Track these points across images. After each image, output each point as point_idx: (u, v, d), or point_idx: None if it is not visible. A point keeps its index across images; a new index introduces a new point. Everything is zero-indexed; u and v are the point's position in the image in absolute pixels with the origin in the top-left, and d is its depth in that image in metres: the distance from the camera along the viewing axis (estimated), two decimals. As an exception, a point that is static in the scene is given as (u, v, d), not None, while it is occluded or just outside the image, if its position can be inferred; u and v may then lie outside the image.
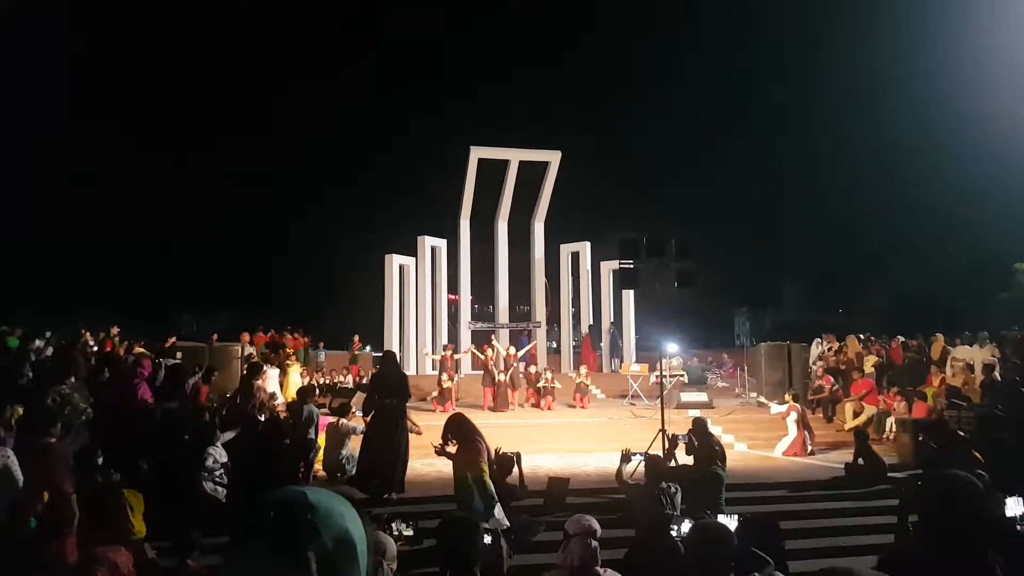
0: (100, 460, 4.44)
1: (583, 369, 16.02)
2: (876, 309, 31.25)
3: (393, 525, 5.37)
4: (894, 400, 12.43)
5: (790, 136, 41.81)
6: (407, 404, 8.80)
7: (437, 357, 16.44)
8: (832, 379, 14.09)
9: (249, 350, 14.64)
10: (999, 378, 11.12)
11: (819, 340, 15.71)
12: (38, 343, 11.36)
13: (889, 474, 9.16)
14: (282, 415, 9.93)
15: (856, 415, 12.69)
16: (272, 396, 10.87)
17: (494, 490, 6.26)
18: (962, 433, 7.12)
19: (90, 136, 33.33)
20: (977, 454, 6.39)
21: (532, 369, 15.69)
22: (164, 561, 4.03)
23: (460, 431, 6.40)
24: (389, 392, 8.37)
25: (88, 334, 13.46)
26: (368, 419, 8.52)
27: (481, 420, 13.31)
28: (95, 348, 13.03)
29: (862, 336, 15.81)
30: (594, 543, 3.52)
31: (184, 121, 36.24)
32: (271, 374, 13.11)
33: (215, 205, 36.55)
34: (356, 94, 42.78)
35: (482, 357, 15.49)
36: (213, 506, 6.53)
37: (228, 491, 6.74)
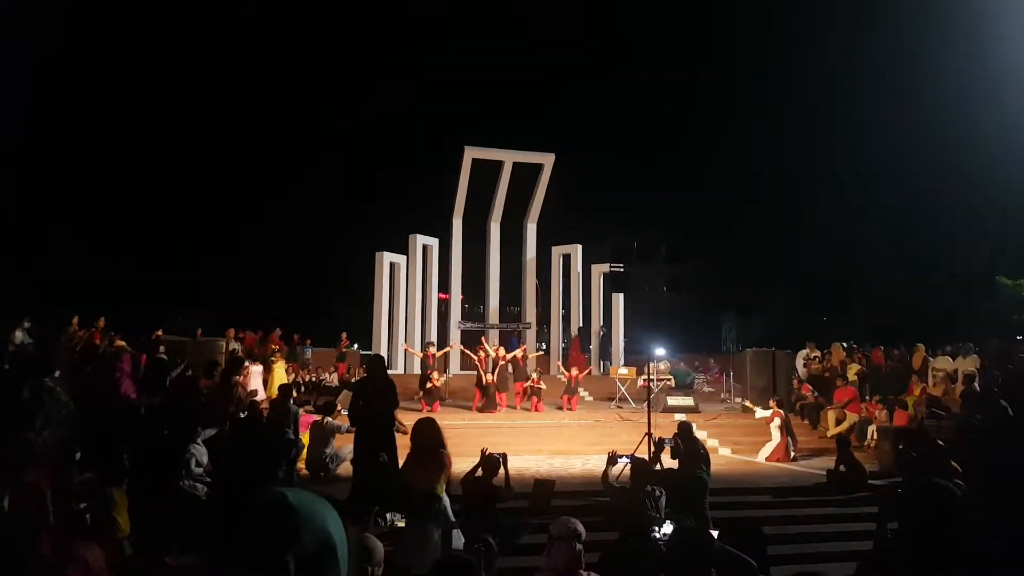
0: (78, 456, 4.38)
1: (573, 371, 16.03)
2: (861, 318, 31.50)
3: (387, 515, 5.36)
4: (876, 408, 12.55)
5: (782, 144, 42.09)
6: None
7: (415, 351, 16.55)
8: (811, 387, 14.31)
9: (234, 345, 14.55)
10: (978, 388, 11.25)
11: (805, 351, 15.88)
12: (18, 334, 11.23)
13: (870, 481, 9.25)
14: (265, 412, 9.86)
15: (839, 422, 12.80)
16: (252, 393, 10.74)
17: (449, 510, 5.65)
18: (941, 442, 7.20)
19: (80, 131, 33.03)
20: (955, 463, 6.47)
21: (519, 354, 15.65)
22: (142, 558, 4.00)
23: (419, 441, 5.82)
24: (376, 400, 7.86)
25: (77, 323, 13.32)
26: (356, 430, 8.00)
27: (470, 421, 13.43)
28: (80, 334, 12.89)
29: (845, 344, 15.95)
30: (579, 546, 3.53)
31: (179, 118, 35.97)
32: (254, 370, 13.03)
33: (205, 200, 36.27)
34: (349, 92, 42.64)
35: (474, 358, 15.50)
36: (192, 504, 6.48)
37: (208, 490, 6.68)
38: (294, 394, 11.73)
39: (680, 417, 12.50)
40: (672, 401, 14.62)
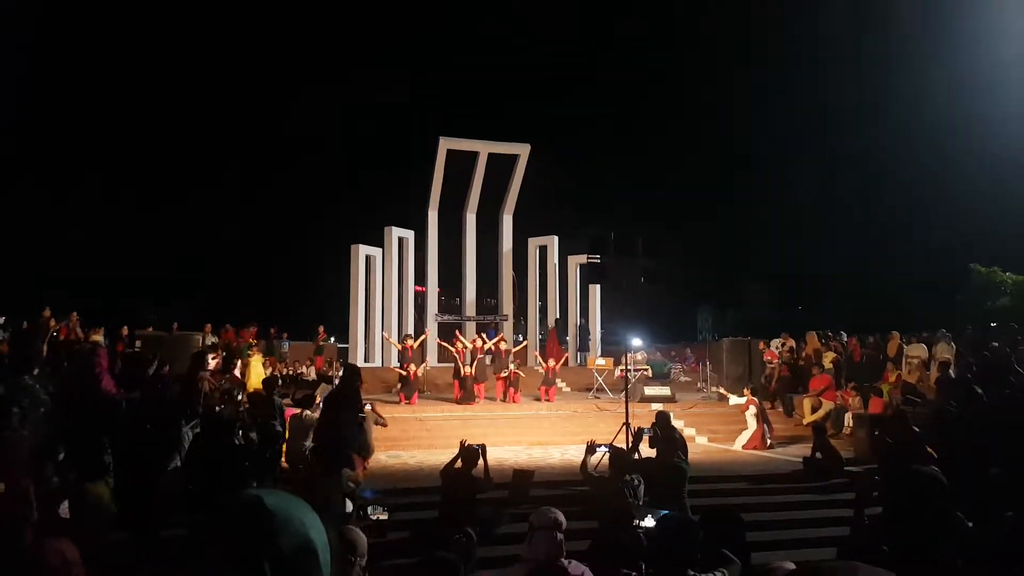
0: (61, 456, 4.28)
1: (551, 362, 16.05)
2: (837, 309, 32.00)
3: (369, 509, 5.34)
4: (851, 396, 12.73)
5: (760, 137, 42.60)
6: (373, 400, 8.28)
7: (394, 342, 16.50)
8: (775, 353, 14.57)
9: (212, 340, 14.37)
10: (953, 375, 11.45)
11: (778, 340, 16.08)
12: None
13: (846, 468, 9.40)
14: (243, 405, 9.72)
15: (814, 410, 12.97)
16: (234, 379, 10.59)
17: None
18: (916, 429, 7.33)
19: (61, 126, 32.40)
20: (931, 449, 6.59)
21: (503, 346, 15.65)
22: (122, 552, 3.95)
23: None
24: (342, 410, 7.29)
25: (51, 316, 13.05)
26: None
27: (448, 413, 13.42)
28: (56, 333, 12.65)
29: (820, 332, 16.17)
30: (559, 536, 3.53)
31: (155, 112, 35.38)
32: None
33: (180, 194, 35.73)
34: (323, 83, 42.22)
35: (451, 349, 15.48)
36: (173, 501, 6.37)
37: (186, 487, 6.57)
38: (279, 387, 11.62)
39: (657, 407, 12.59)
40: (649, 391, 14.72)
